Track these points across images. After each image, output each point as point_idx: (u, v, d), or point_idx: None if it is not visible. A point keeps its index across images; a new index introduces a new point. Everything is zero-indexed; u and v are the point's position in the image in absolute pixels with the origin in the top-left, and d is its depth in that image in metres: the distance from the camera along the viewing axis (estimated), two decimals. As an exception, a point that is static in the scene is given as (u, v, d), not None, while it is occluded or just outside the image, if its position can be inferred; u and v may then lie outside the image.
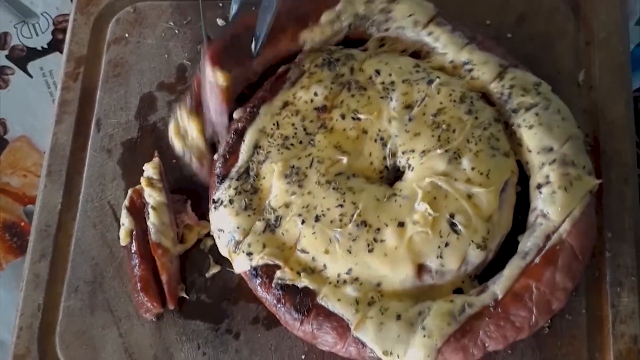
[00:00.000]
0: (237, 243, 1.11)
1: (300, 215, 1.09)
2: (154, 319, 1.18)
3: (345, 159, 1.12)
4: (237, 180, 1.14)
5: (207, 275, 1.20)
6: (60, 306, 1.21)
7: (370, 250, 1.06)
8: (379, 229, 1.06)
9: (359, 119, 1.13)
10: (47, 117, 1.38)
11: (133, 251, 1.17)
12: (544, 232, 1.06)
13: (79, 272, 1.22)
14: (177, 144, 1.20)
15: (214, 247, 1.16)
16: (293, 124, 1.14)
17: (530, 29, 1.29)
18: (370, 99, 1.14)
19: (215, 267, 1.20)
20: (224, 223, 1.12)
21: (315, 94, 1.15)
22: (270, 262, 1.09)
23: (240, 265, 1.11)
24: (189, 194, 1.24)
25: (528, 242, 1.07)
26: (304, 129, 1.14)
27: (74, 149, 1.31)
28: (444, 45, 1.18)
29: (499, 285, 1.05)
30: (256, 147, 1.15)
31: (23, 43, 1.56)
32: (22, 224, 1.40)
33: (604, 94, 1.23)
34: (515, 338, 1.03)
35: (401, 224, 1.06)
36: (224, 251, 1.14)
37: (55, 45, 1.55)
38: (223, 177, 1.15)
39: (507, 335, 1.02)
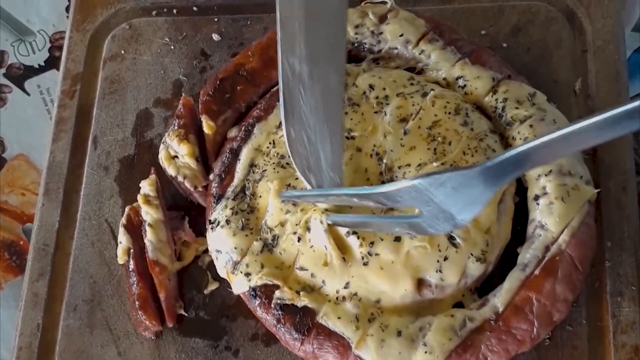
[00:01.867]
0: (235, 264, 1.10)
1: (295, 233, 1.09)
2: (153, 337, 1.17)
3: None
4: (234, 199, 1.13)
5: (205, 292, 1.19)
6: (59, 325, 1.21)
7: (365, 264, 1.05)
8: (372, 242, 1.06)
9: (353, 137, 1.13)
10: (45, 135, 1.38)
11: (131, 269, 1.17)
12: (542, 244, 1.06)
13: (78, 290, 1.22)
14: (169, 169, 1.20)
15: (212, 263, 1.16)
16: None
17: (526, 39, 1.29)
18: (364, 115, 1.14)
19: (213, 283, 1.19)
20: (221, 244, 1.12)
21: (310, 113, 1.15)
22: (269, 282, 1.08)
23: (239, 286, 1.10)
24: (186, 210, 1.24)
25: (527, 254, 1.06)
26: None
27: (71, 166, 1.31)
28: (436, 62, 1.18)
29: (499, 298, 1.04)
30: (252, 165, 1.15)
31: (20, 61, 1.56)
32: (21, 242, 1.41)
33: (601, 102, 1.22)
34: (517, 351, 1.02)
35: (397, 239, 1.05)
36: (222, 272, 1.13)
37: (52, 63, 1.56)
38: (219, 197, 1.15)
39: (508, 348, 1.02)
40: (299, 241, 1.08)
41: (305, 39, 1.06)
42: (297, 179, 1.12)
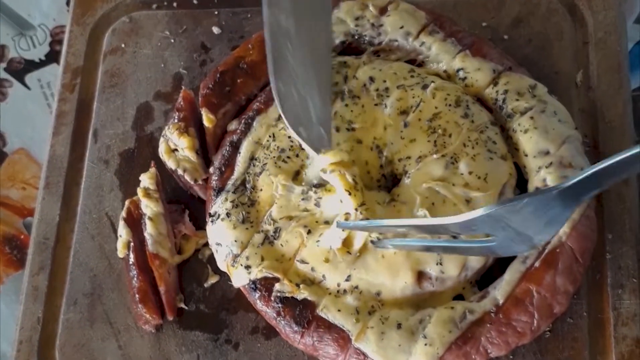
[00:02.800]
0: (235, 257, 1.10)
1: (306, 226, 1.09)
2: (153, 331, 1.17)
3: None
4: (234, 192, 1.13)
5: (205, 285, 1.19)
6: (60, 319, 1.21)
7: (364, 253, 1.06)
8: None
9: (353, 129, 1.12)
10: (46, 129, 1.38)
11: (131, 263, 1.17)
12: (543, 236, 1.05)
13: (78, 284, 1.22)
14: (169, 163, 1.20)
15: (212, 257, 1.16)
16: (289, 136, 1.13)
17: (527, 31, 1.28)
18: (364, 107, 1.13)
19: (214, 277, 1.19)
20: (221, 237, 1.12)
21: (310, 107, 1.15)
22: (269, 275, 1.08)
23: (239, 279, 1.10)
24: (186, 203, 1.24)
25: (528, 246, 1.06)
26: (300, 144, 1.13)
27: (72, 160, 1.31)
28: (437, 54, 1.18)
29: (499, 291, 1.04)
30: (252, 159, 1.15)
31: (21, 55, 1.56)
32: (22, 236, 1.41)
33: (602, 94, 1.22)
34: (517, 343, 1.02)
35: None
36: (222, 265, 1.13)
37: (52, 57, 1.56)
38: (219, 190, 1.15)
39: (509, 340, 1.02)
40: (308, 234, 1.08)
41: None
42: (298, 173, 1.12)
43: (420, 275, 1.05)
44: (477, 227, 0.89)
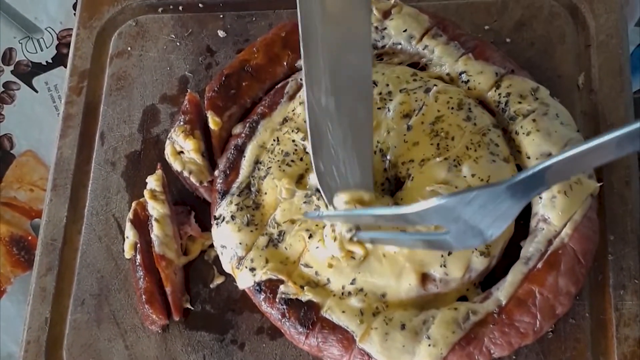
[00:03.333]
0: (240, 259, 1.11)
1: (308, 230, 1.10)
2: (159, 331, 1.18)
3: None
4: (239, 196, 1.14)
5: (211, 286, 1.20)
6: (67, 319, 1.22)
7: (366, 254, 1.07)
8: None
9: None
10: (53, 132, 1.39)
11: (138, 264, 1.18)
12: (545, 237, 1.06)
13: (85, 285, 1.23)
14: (175, 165, 1.21)
15: (218, 258, 1.17)
16: (293, 140, 1.15)
17: (530, 34, 1.29)
18: (367, 110, 1.14)
19: (219, 277, 1.20)
20: (226, 239, 1.13)
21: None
22: (274, 277, 1.09)
23: (244, 281, 1.11)
24: (192, 205, 1.25)
25: (530, 248, 1.07)
26: (304, 147, 1.14)
27: (79, 162, 1.32)
28: (439, 57, 1.19)
29: (502, 292, 1.05)
30: (257, 162, 1.16)
31: (28, 58, 1.57)
32: (30, 237, 1.42)
33: (604, 96, 1.23)
34: (520, 344, 1.03)
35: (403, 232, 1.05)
36: (227, 267, 1.14)
37: (59, 60, 1.57)
38: (224, 193, 1.16)
39: (512, 341, 1.02)
40: (310, 238, 1.09)
41: (330, 72, 1.05)
42: (302, 177, 1.13)
43: (425, 277, 1.06)
44: (431, 218, 0.90)
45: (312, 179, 1.12)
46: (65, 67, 1.43)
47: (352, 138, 1.07)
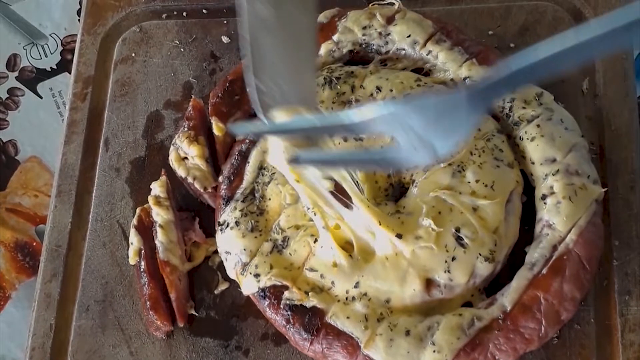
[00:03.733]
0: (244, 265, 1.11)
1: (312, 235, 1.10)
2: (164, 337, 1.18)
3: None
4: (243, 202, 1.14)
5: (215, 292, 1.20)
6: (72, 326, 1.22)
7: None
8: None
9: (361, 139, 1.13)
10: (57, 138, 1.39)
11: (142, 270, 1.18)
12: (550, 243, 1.06)
13: (90, 291, 1.23)
14: (179, 171, 1.21)
15: (222, 264, 1.17)
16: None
17: (534, 39, 1.29)
18: (371, 116, 1.14)
19: (224, 283, 1.20)
20: (230, 245, 1.13)
21: (317, 117, 1.15)
22: (278, 283, 1.09)
23: (248, 287, 1.11)
24: (196, 211, 1.25)
25: (535, 253, 1.06)
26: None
27: (83, 168, 1.32)
28: (443, 62, 1.19)
29: (507, 298, 1.04)
30: (261, 168, 1.16)
31: (32, 64, 1.58)
32: (34, 244, 1.42)
33: (608, 101, 1.22)
34: (525, 350, 1.03)
35: (399, 236, 1.05)
36: (231, 273, 1.14)
37: (64, 66, 1.57)
38: (228, 199, 1.16)
39: (516, 347, 1.02)
40: (315, 242, 1.09)
41: None
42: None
43: (429, 283, 1.05)
44: (379, 127, 0.83)
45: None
46: (70, 73, 1.43)
47: (293, 52, 1.02)
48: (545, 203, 1.08)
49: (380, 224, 1.05)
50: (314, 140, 0.99)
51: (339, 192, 1.08)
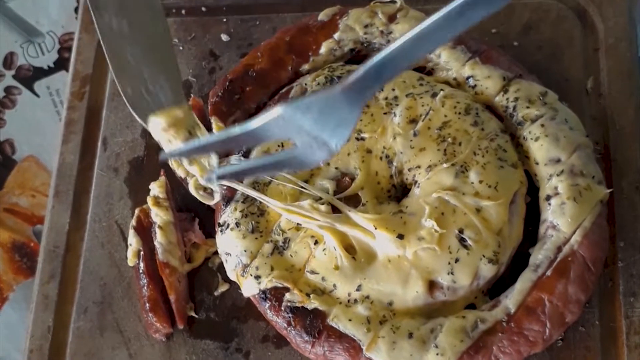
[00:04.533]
0: (245, 266, 1.10)
1: (313, 236, 1.09)
2: (163, 339, 1.17)
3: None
4: (243, 202, 1.13)
5: (215, 293, 1.19)
6: (70, 327, 1.21)
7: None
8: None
9: (362, 138, 1.12)
10: (55, 137, 1.38)
11: (141, 271, 1.17)
12: (554, 244, 1.05)
13: (88, 292, 1.22)
14: (178, 171, 1.20)
15: (222, 265, 1.15)
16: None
17: (537, 37, 1.28)
18: (373, 116, 1.13)
19: (224, 285, 1.19)
20: (230, 246, 1.11)
21: (318, 116, 1.14)
22: (279, 285, 1.08)
23: (249, 288, 1.10)
24: (196, 211, 1.24)
25: (539, 255, 1.05)
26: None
27: (81, 168, 1.31)
28: (446, 61, 1.17)
29: (511, 300, 1.03)
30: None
31: (29, 62, 1.56)
32: (32, 244, 1.40)
33: (613, 100, 1.22)
34: (529, 352, 1.02)
35: (400, 236, 1.04)
36: (231, 275, 1.13)
37: (61, 64, 1.56)
38: (228, 200, 1.14)
39: (521, 350, 1.01)
40: (315, 244, 1.08)
41: None
42: (307, 183, 1.11)
43: (432, 285, 1.04)
44: (272, 132, 0.89)
45: (317, 185, 1.11)
46: (67, 71, 1.42)
47: (153, 55, 1.09)
48: (549, 204, 1.07)
49: (376, 228, 1.05)
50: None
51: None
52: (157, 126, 1.10)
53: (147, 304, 1.15)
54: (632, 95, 1.21)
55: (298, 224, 1.09)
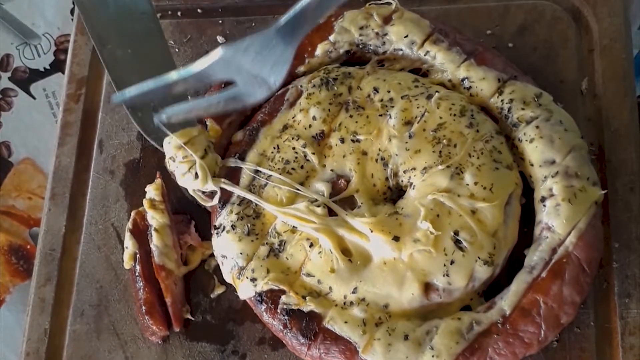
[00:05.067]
0: (241, 269, 1.10)
1: (308, 239, 1.09)
2: (160, 342, 1.17)
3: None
4: (239, 205, 1.13)
5: (212, 296, 1.19)
6: (67, 330, 1.21)
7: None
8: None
9: (358, 140, 1.12)
10: (51, 139, 1.37)
11: (137, 274, 1.17)
12: (549, 246, 1.05)
13: (85, 295, 1.22)
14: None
15: (219, 267, 1.16)
16: (294, 148, 1.13)
17: (532, 38, 1.28)
18: (368, 118, 1.13)
19: (220, 287, 1.19)
20: (226, 249, 1.12)
21: (314, 118, 1.14)
22: (275, 287, 1.08)
23: (245, 291, 1.10)
24: (192, 214, 1.24)
25: (534, 256, 1.06)
26: (305, 155, 1.13)
27: (77, 171, 1.31)
28: (441, 63, 1.17)
29: (506, 301, 1.04)
30: (257, 171, 1.14)
31: (25, 64, 1.56)
32: (28, 246, 1.41)
33: (607, 101, 1.22)
34: (525, 354, 1.02)
35: (396, 238, 1.05)
36: (228, 277, 1.13)
37: (57, 66, 1.56)
38: (224, 202, 1.14)
39: (516, 351, 1.01)
40: (310, 247, 1.08)
41: (115, 28, 1.17)
42: (303, 185, 1.12)
43: (428, 287, 1.05)
44: (215, 73, 0.94)
45: (313, 187, 1.12)
46: (63, 73, 1.42)
47: (141, 26, 1.18)
48: (544, 205, 1.07)
49: (372, 231, 1.05)
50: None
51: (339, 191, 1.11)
52: (171, 147, 1.13)
53: (144, 307, 1.15)
54: (627, 96, 1.21)
55: (294, 226, 1.10)
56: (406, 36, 1.18)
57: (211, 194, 1.17)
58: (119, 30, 1.19)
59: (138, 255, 1.17)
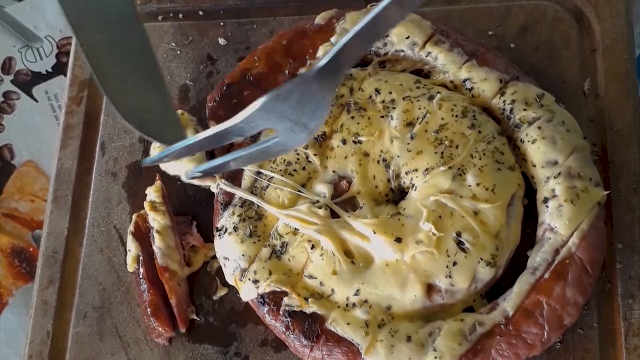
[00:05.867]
0: (243, 271, 1.10)
1: (310, 241, 1.09)
2: (165, 343, 1.17)
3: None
4: (241, 207, 1.13)
5: (214, 297, 1.19)
6: (69, 332, 1.21)
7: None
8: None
9: (360, 142, 1.12)
10: (54, 141, 1.38)
11: (141, 276, 1.17)
12: (552, 247, 1.05)
13: (87, 297, 1.22)
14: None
15: (221, 269, 1.16)
16: (295, 150, 1.13)
17: (534, 39, 1.27)
18: (370, 119, 1.13)
19: (222, 289, 1.19)
20: (229, 251, 1.12)
21: (315, 119, 1.14)
22: (277, 289, 1.08)
23: (247, 293, 1.10)
24: (193, 215, 1.24)
25: (537, 257, 1.06)
26: (307, 156, 1.13)
27: (79, 173, 1.31)
28: (443, 64, 1.17)
29: (509, 302, 1.04)
30: (258, 173, 1.14)
31: (28, 67, 1.56)
32: (31, 249, 1.41)
33: (610, 102, 1.21)
34: (528, 355, 1.02)
35: (398, 239, 1.05)
36: (230, 279, 1.13)
37: (59, 69, 1.56)
38: (226, 204, 1.14)
39: (519, 352, 1.01)
40: (312, 248, 1.08)
41: (91, 10, 1.14)
42: (304, 186, 1.12)
43: (430, 288, 1.05)
44: (257, 124, 0.93)
45: (314, 189, 1.12)
46: (65, 75, 1.42)
47: (139, 61, 1.17)
48: (547, 206, 1.07)
49: (375, 233, 1.05)
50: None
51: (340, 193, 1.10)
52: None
53: (149, 309, 1.15)
54: (629, 96, 1.21)
55: (296, 228, 1.10)
56: (407, 37, 1.18)
57: (208, 175, 1.17)
58: (96, 15, 1.17)
59: (141, 258, 1.17)
